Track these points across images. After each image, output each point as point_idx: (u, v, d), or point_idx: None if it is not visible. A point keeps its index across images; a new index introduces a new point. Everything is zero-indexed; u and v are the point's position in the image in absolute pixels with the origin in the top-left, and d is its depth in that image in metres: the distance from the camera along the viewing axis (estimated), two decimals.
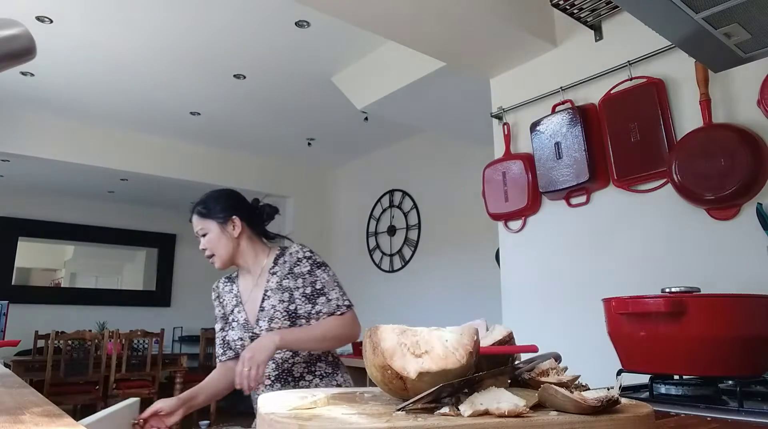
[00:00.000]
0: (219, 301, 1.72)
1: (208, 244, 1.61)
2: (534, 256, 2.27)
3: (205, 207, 1.63)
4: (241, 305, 1.63)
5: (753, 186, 1.61)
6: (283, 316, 1.52)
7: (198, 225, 1.63)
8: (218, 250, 1.61)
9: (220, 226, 1.62)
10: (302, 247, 1.64)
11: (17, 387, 0.99)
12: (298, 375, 1.53)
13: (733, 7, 0.95)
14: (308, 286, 1.55)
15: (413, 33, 2.18)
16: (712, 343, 0.98)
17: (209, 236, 1.61)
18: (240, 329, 1.59)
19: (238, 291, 1.67)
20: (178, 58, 3.60)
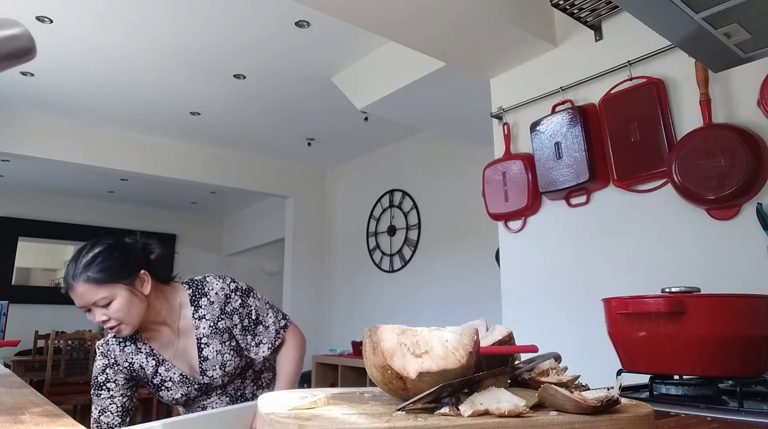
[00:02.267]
0: (116, 369, 1.46)
1: (116, 313, 1.30)
2: (534, 256, 2.27)
3: (101, 270, 1.30)
4: (166, 363, 1.44)
5: (753, 186, 1.61)
6: (232, 356, 1.43)
7: (95, 294, 1.29)
8: (130, 317, 1.33)
9: (129, 288, 1.33)
10: (223, 279, 1.46)
11: (17, 387, 0.99)
12: (250, 396, 1.52)
13: (733, 7, 0.95)
14: (245, 319, 1.44)
15: (413, 33, 2.18)
16: (712, 343, 0.98)
17: (116, 304, 1.30)
18: (180, 386, 1.43)
19: (151, 349, 1.45)
20: (178, 58, 3.60)
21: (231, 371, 1.44)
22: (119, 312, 1.31)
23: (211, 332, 1.42)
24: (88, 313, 1.33)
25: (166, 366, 1.44)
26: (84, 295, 1.28)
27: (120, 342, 1.45)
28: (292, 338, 1.50)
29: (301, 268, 5.86)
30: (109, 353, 1.45)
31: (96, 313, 1.30)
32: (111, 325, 1.32)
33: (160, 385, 1.44)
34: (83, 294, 1.28)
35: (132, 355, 1.45)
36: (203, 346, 1.42)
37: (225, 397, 1.48)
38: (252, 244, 7.31)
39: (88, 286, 1.28)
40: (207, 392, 1.47)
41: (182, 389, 1.43)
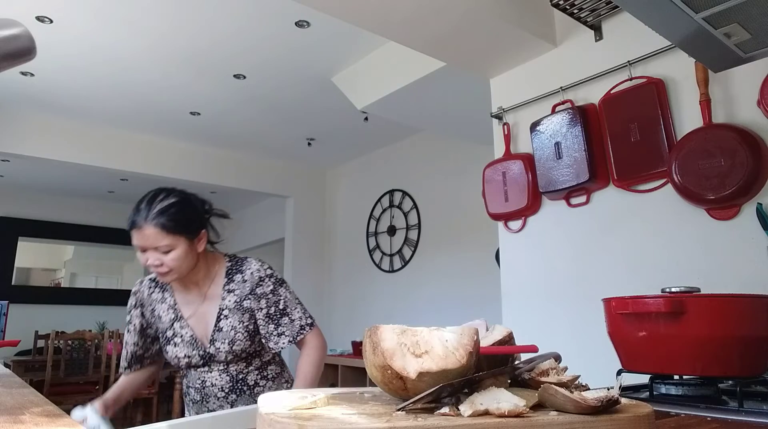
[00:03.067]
0: (141, 310, 1.54)
1: (171, 262, 1.36)
2: (534, 256, 2.27)
3: (172, 219, 1.36)
4: (183, 320, 1.47)
5: (753, 186, 1.61)
6: (245, 337, 1.44)
7: (161, 240, 1.35)
8: (180, 268, 1.39)
9: (189, 242, 1.39)
10: (261, 263, 1.50)
11: (17, 387, 0.99)
12: (252, 383, 1.49)
13: (733, 7, 0.95)
14: (272, 306, 1.45)
15: (413, 33, 2.18)
16: (712, 343, 0.98)
17: (174, 254, 1.37)
18: (186, 346, 1.45)
19: (174, 303, 1.50)
20: (178, 58, 3.60)
21: (237, 351, 1.43)
22: (175, 261, 1.37)
23: (234, 307, 1.44)
24: (142, 254, 1.38)
25: (182, 323, 1.47)
26: (150, 237, 1.34)
27: (151, 286, 1.53)
28: (314, 340, 1.49)
29: (301, 268, 5.86)
30: (137, 293, 1.54)
31: (151, 256, 1.36)
32: (162, 270, 1.37)
33: (170, 339, 1.47)
34: (150, 236, 1.34)
35: (156, 303, 1.51)
36: (222, 318, 1.44)
37: (226, 376, 1.46)
38: (252, 244, 7.31)
39: (157, 231, 1.34)
40: (209, 364, 1.45)
41: (187, 349, 1.44)
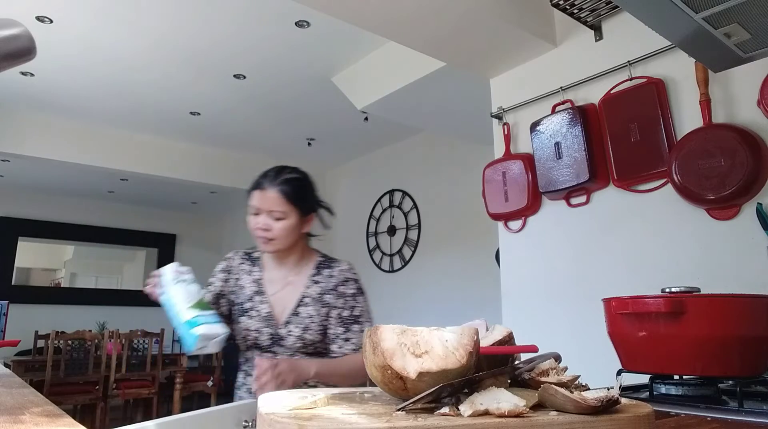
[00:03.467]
0: (227, 276, 1.58)
1: (279, 231, 1.41)
2: (534, 256, 2.27)
3: (295, 190, 1.43)
4: (264, 295, 1.48)
5: (753, 186, 1.61)
6: (317, 330, 1.42)
7: (277, 205, 1.40)
8: (283, 240, 1.43)
9: (301, 218, 1.44)
10: (351, 267, 1.52)
11: (17, 387, 0.99)
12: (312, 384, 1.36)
13: (733, 7, 0.95)
14: (347, 310, 1.45)
15: (413, 33, 2.18)
16: (712, 343, 0.98)
17: (284, 223, 1.41)
18: (261, 321, 1.45)
19: (260, 278, 1.52)
20: (178, 58, 3.60)
21: (307, 340, 1.42)
22: (283, 230, 1.41)
23: (316, 297, 1.45)
24: (255, 216, 1.43)
25: (262, 298, 1.48)
26: (270, 200, 1.40)
27: (243, 258, 1.59)
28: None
29: None
30: (229, 260, 1.61)
31: (263, 220, 1.41)
32: (267, 235, 1.41)
33: (247, 311, 1.47)
34: (270, 199, 1.40)
35: (243, 273, 1.55)
36: (302, 304, 1.44)
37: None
38: (252, 244, 7.30)
39: (279, 196, 1.40)
40: (274, 348, 1.44)
41: (260, 324, 1.44)
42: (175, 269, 1.36)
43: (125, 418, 5.51)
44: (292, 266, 1.52)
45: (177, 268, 1.37)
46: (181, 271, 1.37)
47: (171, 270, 1.36)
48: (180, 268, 1.38)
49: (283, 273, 1.52)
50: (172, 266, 1.38)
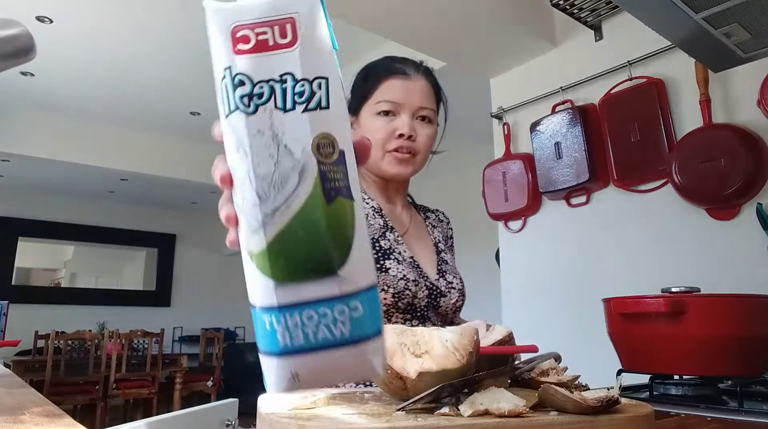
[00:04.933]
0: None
1: (424, 138, 1.04)
2: (534, 256, 2.27)
3: (439, 86, 1.10)
4: (395, 233, 1.05)
5: (753, 186, 1.61)
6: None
7: (429, 100, 1.05)
8: (424, 155, 1.06)
9: (436, 129, 1.09)
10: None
11: (17, 387, 0.99)
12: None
13: (733, 7, 0.95)
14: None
15: (413, 33, 2.18)
16: (712, 343, 0.98)
17: (432, 130, 1.06)
18: (408, 268, 1.01)
19: (380, 208, 1.07)
20: (178, 58, 3.60)
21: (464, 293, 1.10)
22: (429, 139, 1.05)
23: (445, 246, 1.16)
24: (394, 118, 1.03)
25: (395, 235, 1.05)
26: (421, 91, 1.04)
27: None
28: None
29: None
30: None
31: (407, 122, 1.02)
32: (410, 145, 1.03)
33: (389, 253, 1.00)
34: (422, 90, 1.04)
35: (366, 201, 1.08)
36: (440, 251, 1.12)
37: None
38: None
39: (429, 88, 1.06)
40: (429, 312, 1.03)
41: (413, 273, 1.00)
42: None
43: (125, 418, 5.51)
44: (403, 203, 1.15)
45: None
46: None
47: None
48: None
49: (396, 208, 1.13)
50: None
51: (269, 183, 0.36)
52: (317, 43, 0.38)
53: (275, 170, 0.36)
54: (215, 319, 7.33)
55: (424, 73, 1.07)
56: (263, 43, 0.37)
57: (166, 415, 1.16)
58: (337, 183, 0.37)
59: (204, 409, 1.22)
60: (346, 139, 0.38)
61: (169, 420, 1.12)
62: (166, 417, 1.15)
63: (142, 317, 6.90)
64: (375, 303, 0.38)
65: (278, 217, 0.36)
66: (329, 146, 0.37)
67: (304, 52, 0.37)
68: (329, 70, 0.38)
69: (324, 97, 0.37)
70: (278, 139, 0.37)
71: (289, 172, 0.36)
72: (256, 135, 0.37)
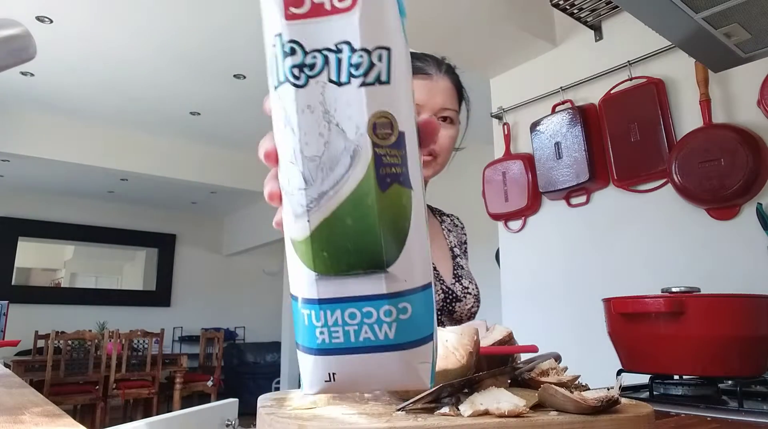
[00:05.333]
0: None
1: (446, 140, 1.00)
2: (534, 256, 2.27)
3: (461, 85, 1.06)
4: None
5: (753, 186, 1.61)
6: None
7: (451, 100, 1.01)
8: (446, 158, 1.03)
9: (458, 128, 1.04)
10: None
11: (17, 387, 0.99)
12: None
13: (733, 7, 0.95)
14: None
15: (413, 33, 2.18)
16: (712, 343, 0.98)
17: (454, 131, 1.01)
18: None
19: None
20: (178, 58, 3.60)
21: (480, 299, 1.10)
22: (450, 140, 1.00)
23: (460, 251, 1.14)
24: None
25: None
26: (443, 92, 1.00)
27: None
28: None
29: None
30: None
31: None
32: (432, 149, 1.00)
33: None
34: (444, 90, 1.00)
35: None
36: (455, 256, 1.12)
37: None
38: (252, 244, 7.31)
39: (451, 88, 1.02)
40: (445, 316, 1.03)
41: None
42: None
43: (125, 418, 5.51)
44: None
45: None
46: None
47: None
48: None
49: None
50: None
51: (317, 165, 0.32)
52: (381, 7, 0.33)
53: (325, 151, 0.32)
54: (215, 319, 7.33)
55: (446, 72, 1.04)
56: (318, 6, 0.33)
57: (166, 415, 1.16)
58: (395, 169, 0.33)
59: (204, 409, 1.22)
60: (408, 119, 0.34)
61: (169, 420, 1.12)
62: (166, 417, 1.15)
63: (142, 317, 6.90)
64: (428, 305, 0.34)
65: (325, 203, 0.32)
66: (387, 127, 0.33)
67: (364, 17, 0.33)
68: (393, 40, 0.33)
69: (385, 70, 0.33)
70: (330, 116, 0.32)
71: (341, 153, 0.32)
72: (305, 110, 0.33)
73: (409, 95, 0.34)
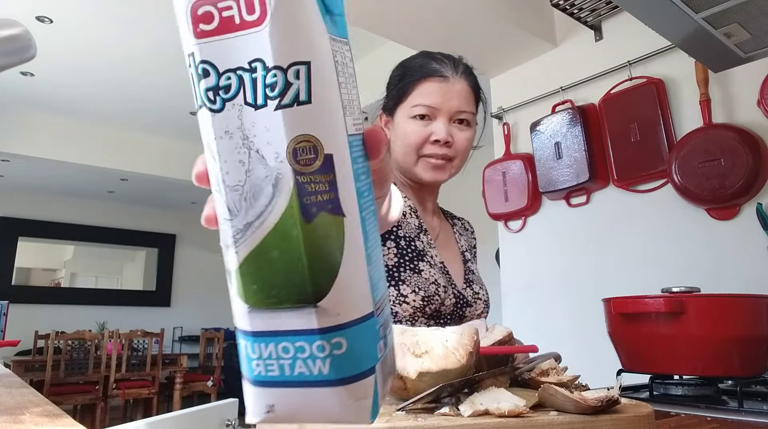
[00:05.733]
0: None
1: (463, 142, 0.99)
2: (534, 256, 2.27)
3: (479, 86, 1.04)
4: (428, 236, 1.04)
5: (753, 186, 1.61)
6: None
7: (468, 104, 0.99)
8: (462, 161, 1.03)
9: (475, 130, 1.03)
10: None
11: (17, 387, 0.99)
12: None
13: (733, 7, 0.95)
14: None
15: (413, 33, 2.18)
16: (712, 343, 0.98)
17: (471, 134, 1.00)
18: (439, 273, 1.00)
19: (416, 210, 1.07)
20: (178, 57, 3.60)
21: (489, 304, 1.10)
22: (467, 143, 0.99)
23: (470, 255, 1.15)
24: (430, 122, 0.98)
25: (428, 238, 1.04)
26: (460, 94, 0.98)
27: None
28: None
29: None
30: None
31: (443, 127, 0.97)
32: (447, 152, 0.98)
33: (422, 255, 0.99)
34: (458, 94, 0.98)
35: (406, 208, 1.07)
36: (467, 261, 1.12)
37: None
38: None
39: (468, 90, 1.00)
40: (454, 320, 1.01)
41: (443, 279, 1.00)
42: None
43: (125, 418, 5.51)
44: (434, 208, 1.13)
45: None
46: None
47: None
48: None
49: (430, 217, 1.11)
50: None
51: (240, 194, 0.30)
52: (294, 17, 0.30)
53: (246, 180, 0.30)
54: (215, 319, 7.33)
55: (463, 74, 1.02)
56: (228, 21, 0.30)
57: (166, 415, 1.16)
58: (321, 196, 0.30)
59: (204, 409, 1.22)
60: (335, 139, 0.30)
61: (169, 420, 1.12)
62: (166, 417, 1.15)
63: (142, 317, 6.90)
64: (368, 337, 0.32)
65: (250, 234, 0.30)
66: (310, 151, 0.30)
67: (275, 31, 0.29)
68: (314, 51, 0.30)
69: (304, 88, 0.29)
70: (249, 142, 0.30)
71: (262, 182, 0.30)
72: (223, 137, 0.30)
73: (336, 111, 0.31)
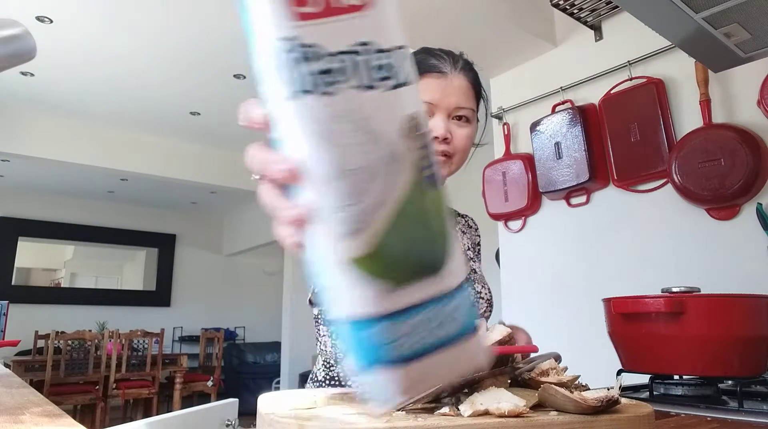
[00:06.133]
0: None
1: (462, 140, 0.97)
2: (534, 256, 2.27)
3: (479, 81, 1.02)
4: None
5: (753, 186, 1.61)
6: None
7: (467, 100, 0.97)
8: (462, 157, 1.00)
9: (475, 127, 1.01)
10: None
11: (17, 387, 0.99)
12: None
13: (733, 7, 0.95)
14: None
15: (413, 33, 2.17)
16: (712, 343, 0.98)
17: (470, 130, 0.98)
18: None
19: None
20: (178, 57, 3.60)
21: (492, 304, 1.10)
22: (467, 140, 0.97)
23: (473, 253, 1.14)
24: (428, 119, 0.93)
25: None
26: (459, 90, 0.96)
27: None
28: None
29: (301, 268, 5.86)
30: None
31: (442, 124, 0.94)
32: (446, 149, 0.96)
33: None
34: (460, 88, 0.96)
35: None
36: (469, 259, 1.12)
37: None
38: (252, 244, 7.31)
39: (467, 86, 0.98)
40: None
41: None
42: None
43: (125, 418, 5.51)
44: None
45: None
46: None
47: None
48: None
49: None
50: None
51: (360, 178, 0.30)
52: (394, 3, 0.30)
53: (364, 163, 0.30)
54: (215, 319, 7.33)
55: (462, 70, 0.99)
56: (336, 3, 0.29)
57: (166, 415, 1.16)
58: (429, 170, 0.31)
59: (204, 409, 1.22)
60: (425, 118, 0.32)
61: (169, 420, 1.12)
62: (166, 417, 1.15)
63: (142, 317, 6.90)
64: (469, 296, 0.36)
65: (377, 215, 0.30)
66: (416, 128, 0.31)
67: (381, 14, 0.30)
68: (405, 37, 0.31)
69: (406, 70, 0.30)
70: (362, 123, 0.29)
71: (381, 163, 0.30)
72: (335, 122, 0.29)
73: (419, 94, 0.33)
